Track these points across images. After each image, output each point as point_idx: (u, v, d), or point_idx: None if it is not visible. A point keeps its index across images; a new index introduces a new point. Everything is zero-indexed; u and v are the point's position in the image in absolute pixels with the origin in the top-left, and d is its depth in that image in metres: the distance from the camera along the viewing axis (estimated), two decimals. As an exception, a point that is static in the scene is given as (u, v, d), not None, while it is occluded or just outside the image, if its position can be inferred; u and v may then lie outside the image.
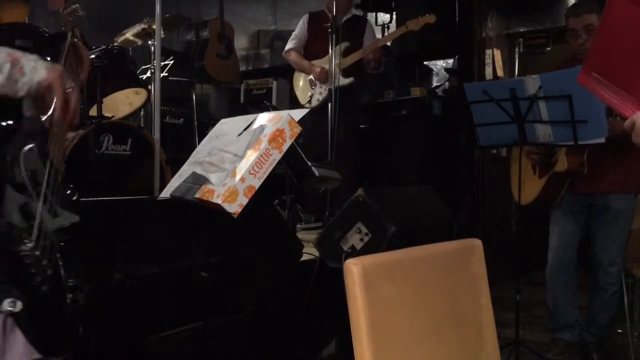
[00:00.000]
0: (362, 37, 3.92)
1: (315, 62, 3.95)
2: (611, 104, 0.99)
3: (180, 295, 1.74)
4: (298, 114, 1.46)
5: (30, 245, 1.03)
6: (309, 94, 3.98)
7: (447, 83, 4.98)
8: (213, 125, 1.66)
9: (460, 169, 4.60)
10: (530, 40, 5.28)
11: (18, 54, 1.02)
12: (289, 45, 4.16)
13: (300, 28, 4.14)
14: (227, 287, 1.80)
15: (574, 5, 2.81)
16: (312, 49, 4.00)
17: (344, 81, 3.79)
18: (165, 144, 3.25)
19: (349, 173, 3.77)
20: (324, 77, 3.82)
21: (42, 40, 2.88)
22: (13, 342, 0.99)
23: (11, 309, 0.97)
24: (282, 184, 3.13)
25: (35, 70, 1.03)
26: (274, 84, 5.26)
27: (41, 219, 1.03)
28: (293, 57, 4.10)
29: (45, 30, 3.04)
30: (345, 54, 3.83)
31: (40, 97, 1.07)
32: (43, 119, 1.10)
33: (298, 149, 2.14)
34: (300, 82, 4.09)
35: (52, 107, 1.07)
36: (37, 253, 1.03)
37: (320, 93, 3.87)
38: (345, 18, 3.94)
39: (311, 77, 3.97)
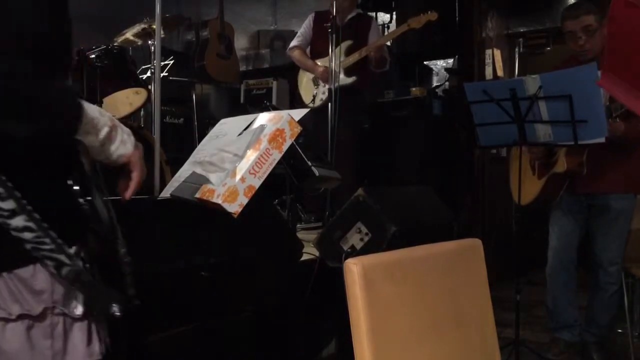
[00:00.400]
0: (367, 36, 3.90)
1: (319, 60, 3.93)
2: (631, 105, 0.99)
3: (180, 295, 1.74)
4: (298, 113, 1.46)
5: (123, 250, 1.04)
6: (313, 93, 3.97)
7: (447, 83, 4.98)
8: (213, 125, 1.66)
9: (460, 169, 4.60)
10: (530, 40, 5.28)
11: (117, 122, 1.05)
12: (294, 42, 4.17)
13: (305, 26, 4.13)
14: (227, 287, 1.80)
15: (569, 7, 2.81)
16: (317, 47, 3.98)
17: (346, 80, 3.79)
18: (165, 144, 3.25)
19: (350, 173, 3.77)
20: (326, 76, 3.81)
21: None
22: (73, 345, 0.99)
23: (117, 313, 0.98)
24: (282, 184, 3.13)
25: (124, 143, 1.06)
26: (274, 84, 5.26)
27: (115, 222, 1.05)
28: (296, 55, 4.10)
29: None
30: (348, 53, 3.82)
31: (123, 171, 1.10)
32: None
33: (298, 148, 2.14)
34: (304, 81, 4.08)
35: (128, 183, 1.11)
36: (129, 259, 1.04)
37: (323, 92, 3.86)
38: (349, 17, 3.93)
39: (315, 75, 3.96)
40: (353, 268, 1.06)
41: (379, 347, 1.05)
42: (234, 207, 1.23)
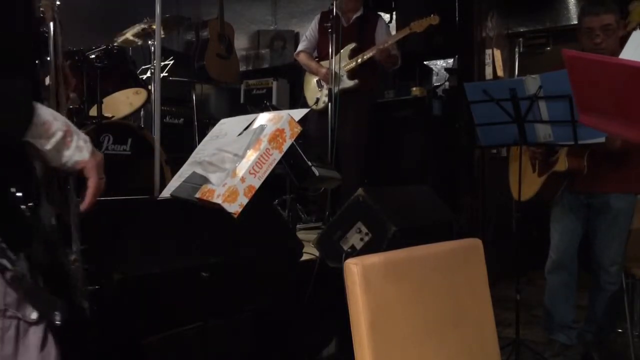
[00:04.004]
0: (374, 35, 3.88)
1: (324, 62, 3.91)
2: (616, 130, 1.00)
3: (180, 295, 1.74)
4: (298, 113, 1.46)
5: (73, 256, 1.02)
6: (317, 95, 3.97)
7: (447, 83, 4.98)
8: (213, 125, 1.66)
9: (460, 169, 4.60)
10: (530, 40, 5.29)
11: (73, 128, 1.02)
12: (299, 47, 4.16)
13: (311, 28, 4.11)
14: (227, 287, 1.80)
15: (590, 4, 2.75)
16: (323, 49, 3.95)
17: (348, 83, 3.78)
18: (165, 144, 3.24)
19: (355, 175, 3.78)
20: (329, 78, 3.80)
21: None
22: (25, 349, 0.98)
23: (58, 322, 0.96)
24: (282, 184, 3.13)
25: (80, 150, 1.02)
26: (274, 84, 5.27)
27: (74, 227, 1.03)
28: (302, 59, 4.08)
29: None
30: (352, 55, 3.82)
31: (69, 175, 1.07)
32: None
33: (298, 149, 2.14)
34: (311, 84, 4.07)
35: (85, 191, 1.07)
36: (78, 265, 1.02)
37: (326, 95, 3.85)
38: (355, 16, 3.92)
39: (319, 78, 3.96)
40: (353, 268, 1.06)
41: (379, 347, 1.05)
42: (234, 207, 1.23)
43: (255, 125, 1.36)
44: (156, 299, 1.73)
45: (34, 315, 0.96)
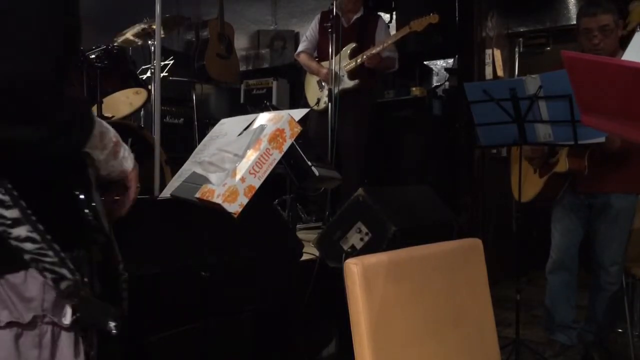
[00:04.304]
0: (374, 35, 3.87)
1: (324, 63, 3.90)
2: (618, 130, 1.00)
3: (180, 295, 1.74)
4: (298, 113, 1.46)
5: (121, 264, 1.02)
6: (318, 96, 3.96)
7: (447, 83, 4.98)
8: (213, 125, 1.66)
9: (460, 169, 4.60)
10: (530, 40, 5.28)
11: (120, 139, 1.05)
12: (299, 47, 4.15)
13: (311, 29, 4.10)
14: (227, 287, 1.80)
15: (587, 4, 2.75)
16: (324, 49, 3.93)
17: (349, 84, 3.78)
18: (165, 144, 3.24)
19: (356, 175, 3.78)
20: (329, 79, 3.79)
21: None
22: (61, 355, 0.96)
23: (114, 331, 0.95)
24: (282, 184, 3.13)
25: (126, 160, 1.07)
26: (274, 84, 5.27)
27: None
28: (302, 60, 4.07)
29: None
30: (352, 55, 3.81)
31: (114, 184, 1.10)
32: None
33: (298, 148, 2.14)
34: (312, 84, 4.07)
35: (123, 199, 1.11)
36: (126, 274, 1.03)
37: (327, 95, 3.84)
38: (355, 17, 3.92)
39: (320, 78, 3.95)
40: (353, 268, 1.06)
41: (379, 347, 1.05)
42: (234, 207, 1.23)
43: (255, 125, 1.36)
44: (156, 299, 1.73)
45: (67, 320, 0.96)
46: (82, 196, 0.93)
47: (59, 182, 0.94)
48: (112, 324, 0.96)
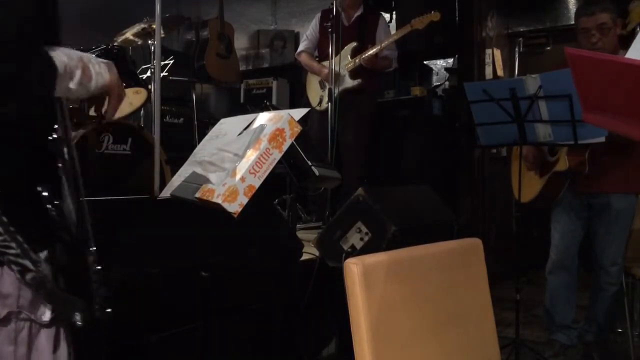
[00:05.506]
0: (375, 34, 3.86)
1: (326, 62, 3.88)
2: (622, 130, 1.00)
3: (180, 295, 1.74)
4: (298, 113, 1.46)
5: (92, 258, 1.02)
6: (319, 96, 3.96)
7: (447, 83, 4.98)
8: (213, 125, 1.66)
9: (460, 169, 4.60)
10: (530, 40, 5.28)
11: (86, 58, 1.06)
12: (300, 47, 4.13)
13: (312, 28, 4.08)
14: (227, 287, 1.80)
15: (585, 4, 2.75)
16: (324, 48, 3.91)
17: (350, 83, 3.77)
18: (165, 144, 3.24)
19: (357, 174, 3.77)
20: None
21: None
22: (38, 352, 0.97)
23: (79, 322, 0.95)
24: (282, 183, 3.13)
25: (100, 75, 1.07)
26: (274, 84, 5.27)
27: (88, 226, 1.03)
28: (303, 59, 4.06)
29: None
30: (353, 54, 3.81)
31: (97, 97, 1.12)
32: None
33: (298, 148, 2.14)
34: (312, 84, 4.05)
35: (106, 105, 1.13)
36: (99, 267, 1.03)
37: (329, 95, 3.84)
38: (356, 15, 3.91)
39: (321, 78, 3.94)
40: (353, 268, 1.06)
41: (379, 346, 1.05)
42: (234, 207, 1.23)
43: (255, 124, 1.36)
44: (156, 299, 1.73)
45: (46, 317, 0.96)
46: (45, 193, 0.93)
47: (24, 177, 0.94)
48: (77, 316, 0.96)
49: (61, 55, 0.99)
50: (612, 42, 2.62)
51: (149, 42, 3.81)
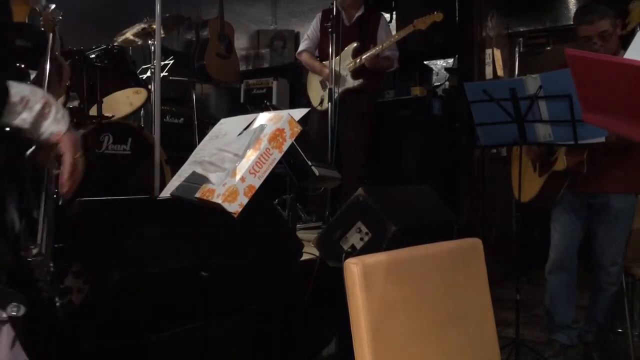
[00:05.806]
0: (376, 34, 3.86)
1: (327, 62, 3.86)
2: (623, 130, 1.00)
3: (181, 295, 1.74)
4: (298, 113, 1.46)
5: (35, 250, 1.03)
6: (321, 95, 3.95)
7: (447, 83, 4.98)
8: (213, 125, 1.66)
9: (460, 169, 4.60)
10: (530, 40, 5.28)
11: (52, 100, 1.05)
12: (301, 46, 4.12)
13: (313, 27, 4.07)
14: (227, 287, 1.80)
15: (583, 12, 2.72)
16: (325, 48, 3.88)
17: (352, 83, 3.77)
18: (165, 144, 3.24)
19: (358, 174, 3.77)
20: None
21: (42, 41, 2.88)
22: None
23: (15, 313, 0.97)
24: (282, 184, 3.13)
25: (57, 122, 1.06)
26: (274, 84, 5.26)
27: (43, 224, 1.04)
28: (304, 59, 4.06)
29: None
30: (355, 54, 3.80)
31: (46, 148, 1.09)
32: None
33: (298, 148, 2.14)
34: (314, 84, 4.05)
35: (60, 167, 1.09)
36: (41, 259, 1.04)
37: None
38: (357, 14, 3.90)
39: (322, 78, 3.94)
40: (353, 268, 1.06)
41: (379, 347, 1.05)
42: (234, 207, 1.23)
43: (255, 125, 1.36)
44: (156, 299, 1.73)
45: (3, 315, 0.97)
46: None
47: None
48: (14, 307, 0.97)
49: (23, 87, 1.00)
50: (614, 46, 2.61)
51: (149, 42, 3.81)
